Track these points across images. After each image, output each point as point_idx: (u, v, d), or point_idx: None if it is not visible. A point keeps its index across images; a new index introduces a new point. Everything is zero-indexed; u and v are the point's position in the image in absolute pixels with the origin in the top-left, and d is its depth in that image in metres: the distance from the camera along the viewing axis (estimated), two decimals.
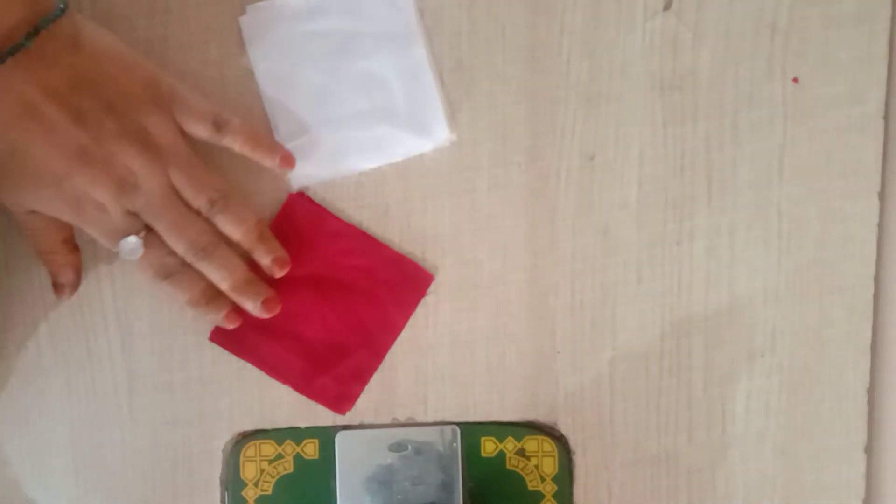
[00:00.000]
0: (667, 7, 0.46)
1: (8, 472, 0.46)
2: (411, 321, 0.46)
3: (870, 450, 0.47)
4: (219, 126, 0.43)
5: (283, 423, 0.46)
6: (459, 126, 0.46)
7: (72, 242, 0.44)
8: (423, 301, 0.46)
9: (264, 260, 0.44)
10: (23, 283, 0.46)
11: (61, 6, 0.39)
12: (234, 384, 0.46)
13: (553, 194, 0.46)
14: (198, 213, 0.43)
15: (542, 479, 0.46)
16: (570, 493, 0.47)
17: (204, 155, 0.43)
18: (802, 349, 0.47)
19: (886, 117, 0.46)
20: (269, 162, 0.44)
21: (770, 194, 0.46)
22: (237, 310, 0.44)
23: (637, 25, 0.46)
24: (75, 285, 0.44)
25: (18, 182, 0.40)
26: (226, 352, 0.46)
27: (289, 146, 0.45)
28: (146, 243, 0.42)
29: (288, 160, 0.44)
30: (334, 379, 0.46)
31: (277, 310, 0.45)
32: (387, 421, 0.47)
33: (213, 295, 0.44)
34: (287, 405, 0.46)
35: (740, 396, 0.47)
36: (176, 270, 0.43)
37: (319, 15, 0.45)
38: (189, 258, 0.42)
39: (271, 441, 0.46)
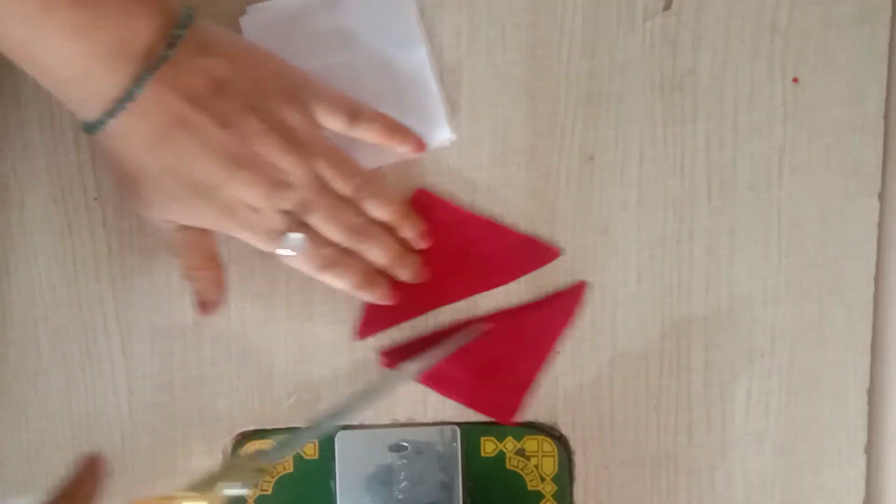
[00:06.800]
0: (667, 7, 0.46)
1: (8, 471, 0.46)
2: (412, 322, 0.46)
3: (870, 450, 0.47)
4: (353, 115, 0.42)
5: (283, 423, 0.46)
6: (459, 126, 0.46)
7: (217, 258, 0.44)
8: None
9: (410, 234, 0.45)
10: (23, 282, 0.46)
11: (189, 12, 0.38)
12: (234, 384, 0.46)
13: (553, 194, 0.46)
14: (344, 199, 0.42)
15: (542, 479, 0.46)
16: (570, 493, 0.47)
17: None
18: (802, 349, 0.47)
19: (886, 117, 0.46)
20: (403, 149, 0.44)
21: (770, 194, 0.46)
22: (393, 285, 0.45)
23: (637, 25, 0.46)
24: (220, 303, 0.44)
25: (172, 198, 0.39)
26: (226, 352, 0.46)
27: None
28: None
29: (420, 145, 0.45)
30: (497, 389, 0.46)
31: (427, 276, 0.45)
32: (387, 421, 0.47)
33: (372, 275, 0.44)
34: (287, 405, 0.46)
35: (740, 396, 0.47)
36: (336, 259, 0.42)
37: (320, 15, 0.45)
38: (347, 242, 0.42)
39: (271, 441, 0.46)
